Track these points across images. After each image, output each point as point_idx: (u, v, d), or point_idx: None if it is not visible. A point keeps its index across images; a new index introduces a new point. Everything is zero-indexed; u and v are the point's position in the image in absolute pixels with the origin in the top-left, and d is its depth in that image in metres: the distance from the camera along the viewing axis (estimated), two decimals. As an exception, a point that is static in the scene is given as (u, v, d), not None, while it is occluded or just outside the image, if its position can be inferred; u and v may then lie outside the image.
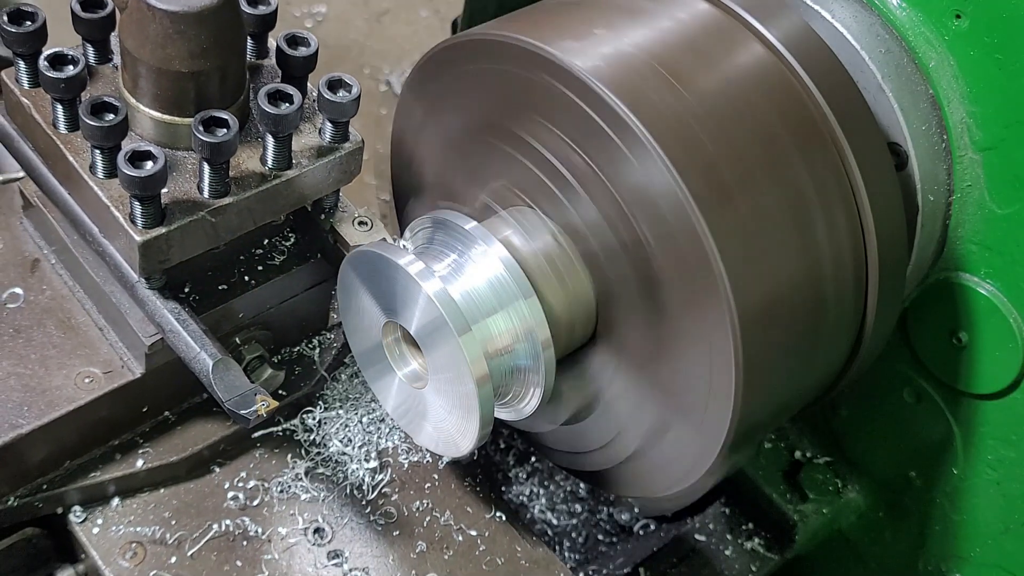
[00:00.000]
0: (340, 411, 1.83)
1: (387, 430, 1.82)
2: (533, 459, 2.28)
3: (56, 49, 1.52)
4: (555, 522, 2.23)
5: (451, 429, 1.60)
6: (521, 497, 2.23)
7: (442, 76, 1.71)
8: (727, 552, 2.14)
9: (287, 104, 1.53)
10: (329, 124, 1.63)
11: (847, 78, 1.64)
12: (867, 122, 1.63)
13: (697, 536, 2.16)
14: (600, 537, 2.26)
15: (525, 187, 1.64)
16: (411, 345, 1.65)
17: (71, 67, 1.50)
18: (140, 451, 1.72)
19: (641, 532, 2.26)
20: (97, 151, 1.50)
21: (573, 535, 2.24)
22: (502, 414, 1.72)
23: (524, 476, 2.26)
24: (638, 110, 1.44)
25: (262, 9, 1.68)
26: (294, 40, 1.66)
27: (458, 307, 1.51)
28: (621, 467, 1.75)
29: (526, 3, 1.75)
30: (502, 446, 2.26)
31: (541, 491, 2.25)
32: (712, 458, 1.58)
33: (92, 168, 1.53)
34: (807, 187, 1.54)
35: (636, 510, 2.27)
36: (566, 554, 2.21)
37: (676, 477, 1.67)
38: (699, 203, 1.42)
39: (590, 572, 2.16)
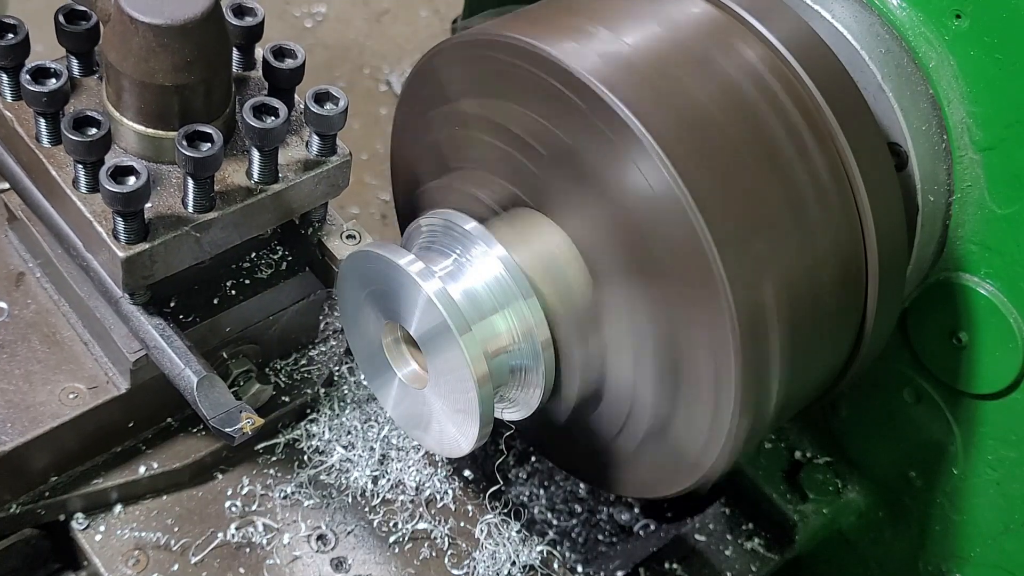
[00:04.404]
0: (343, 418, 1.82)
1: (389, 436, 1.82)
2: (533, 459, 2.28)
3: (38, 62, 1.50)
4: (555, 522, 2.23)
5: (451, 429, 1.60)
6: (521, 497, 2.23)
7: (442, 76, 1.71)
8: (727, 552, 2.14)
9: (273, 118, 1.50)
10: (316, 137, 1.61)
11: (847, 78, 1.64)
12: (867, 122, 1.63)
13: (697, 536, 2.16)
14: (600, 537, 2.25)
15: (525, 187, 1.64)
16: (411, 346, 1.65)
17: (53, 80, 1.48)
18: (142, 458, 1.72)
19: (641, 532, 2.26)
20: (80, 165, 1.48)
21: (573, 535, 2.24)
22: (503, 414, 1.72)
23: (524, 476, 2.26)
24: (637, 111, 1.44)
25: (248, 21, 1.66)
26: (280, 52, 1.63)
27: (458, 307, 1.51)
28: (622, 467, 1.75)
29: (526, 3, 1.75)
30: (502, 446, 2.26)
31: (541, 491, 2.25)
32: (712, 459, 1.58)
33: (75, 182, 1.51)
34: (807, 187, 1.54)
35: (636, 510, 2.27)
36: (566, 554, 2.21)
37: (677, 478, 1.67)
38: (698, 203, 1.42)
39: (590, 572, 2.16)
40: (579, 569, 2.14)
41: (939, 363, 1.91)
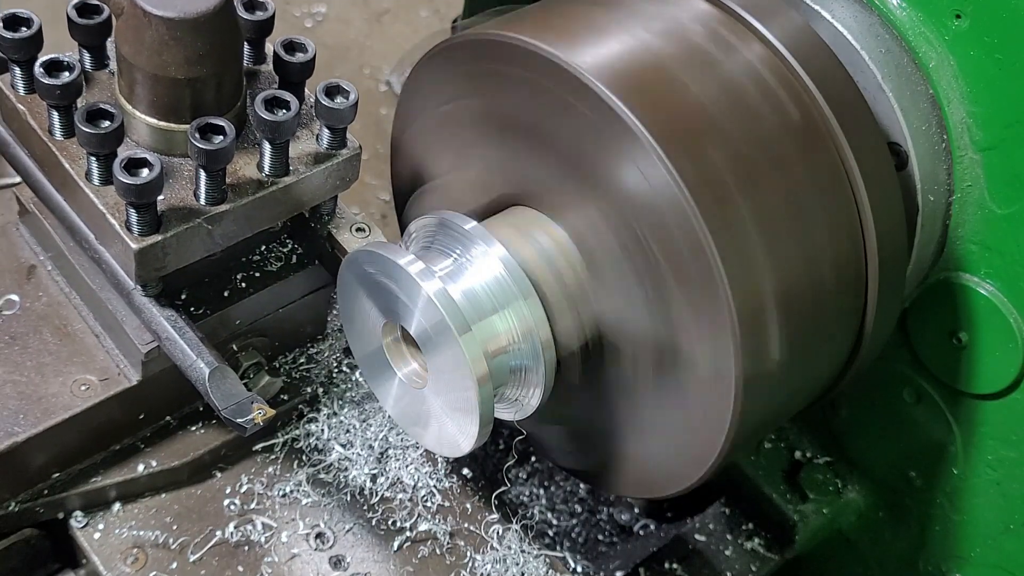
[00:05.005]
0: (341, 416, 1.82)
1: (388, 434, 1.82)
2: (533, 459, 2.28)
3: (52, 55, 1.51)
4: (555, 522, 2.23)
5: (451, 429, 1.60)
6: (521, 497, 2.23)
7: (442, 76, 1.71)
8: (727, 552, 2.14)
9: (284, 111, 1.52)
10: (327, 130, 1.62)
11: (847, 78, 1.64)
12: (867, 122, 1.63)
13: (697, 536, 2.16)
14: (600, 537, 2.25)
15: (525, 187, 1.64)
16: (411, 345, 1.65)
17: (67, 73, 1.50)
18: (141, 456, 1.72)
19: (641, 532, 2.26)
20: (93, 158, 1.49)
21: (573, 535, 2.24)
22: (502, 414, 1.72)
23: (524, 476, 2.26)
24: (638, 111, 1.44)
25: (259, 15, 1.67)
26: (291, 46, 1.65)
27: (458, 307, 1.51)
28: (621, 467, 1.75)
29: (526, 3, 1.75)
30: (502, 446, 2.26)
31: (541, 491, 2.25)
32: (712, 459, 1.58)
33: (88, 175, 1.52)
34: (807, 187, 1.54)
35: (636, 510, 2.27)
36: (566, 554, 2.20)
37: (677, 478, 1.67)
38: (699, 203, 1.42)
39: (590, 572, 2.16)
40: (579, 569, 2.14)
41: (939, 363, 1.91)
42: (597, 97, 1.46)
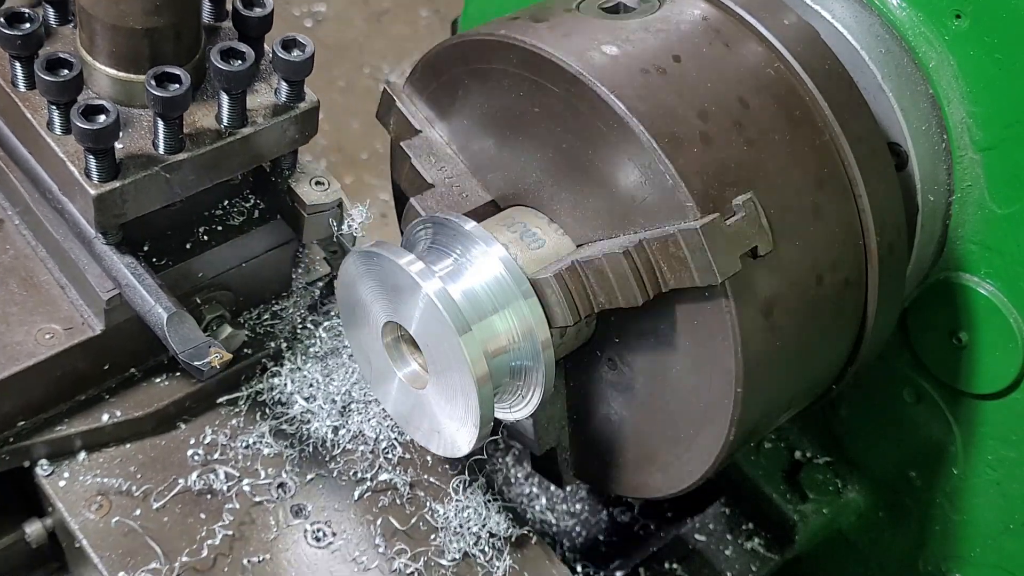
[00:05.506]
0: (305, 371, 1.83)
1: (351, 389, 1.82)
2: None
3: (12, 7, 1.54)
4: (555, 522, 2.23)
5: (451, 429, 1.60)
6: (521, 497, 2.23)
7: (441, 76, 1.71)
8: (727, 552, 2.14)
9: (240, 61, 1.55)
10: (284, 84, 1.64)
11: (847, 78, 1.64)
12: (867, 122, 1.63)
13: (697, 536, 2.16)
14: (600, 537, 2.25)
15: (524, 186, 1.64)
16: (411, 345, 1.65)
17: (28, 24, 1.53)
18: (106, 406, 1.74)
19: (641, 532, 2.26)
20: (54, 107, 1.53)
21: (573, 535, 2.24)
22: (502, 414, 1.71)
23: (523, 476, 2.26)
24: (637, 110, 1.44)
25: None
26: (250, 1, 1.68)
27: (458, 307, 1.51)
28: (621, 467, 1.75)
29: (526, 3, 1.75)
30: (501, 446, 2.26)
31: (541, 491, 2.25)
32: (712, 459, 1.58)
33: (49, 125, 1.56)
34: (806, 187, 1.54)
35: (636, 510, 2.27)
36: (566, 554, 2.20)
37: (677, 477, 1.67)
38: (699, 204, 1.42)
39: (590, 572, 2.16)
40: (579, 569, 2.14)
41: (939, 363, 1.91)
42: (597, 97, 1.46)
